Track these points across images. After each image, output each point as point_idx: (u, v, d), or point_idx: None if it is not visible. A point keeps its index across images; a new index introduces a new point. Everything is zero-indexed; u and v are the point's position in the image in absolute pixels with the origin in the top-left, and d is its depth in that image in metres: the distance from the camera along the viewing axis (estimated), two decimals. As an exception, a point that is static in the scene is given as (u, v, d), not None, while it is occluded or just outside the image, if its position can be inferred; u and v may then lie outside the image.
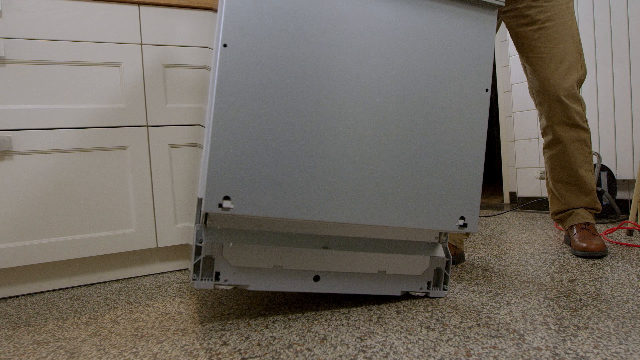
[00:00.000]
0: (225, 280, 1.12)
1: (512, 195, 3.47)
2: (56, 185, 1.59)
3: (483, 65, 1.22)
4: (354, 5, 1.11)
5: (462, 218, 1.21)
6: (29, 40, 1.54)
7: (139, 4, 1.69)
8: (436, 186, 1.18)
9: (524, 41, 1.66)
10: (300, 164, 1.07)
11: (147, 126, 1.71)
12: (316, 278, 1.19)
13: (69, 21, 1.60)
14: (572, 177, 1.74)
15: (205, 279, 1.11)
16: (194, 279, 1.10)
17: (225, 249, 1.11)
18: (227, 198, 1.02)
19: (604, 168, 2.54)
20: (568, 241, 1.88)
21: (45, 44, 1.56)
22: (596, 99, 2.59)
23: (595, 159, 2.61)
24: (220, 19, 1.05)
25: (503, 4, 1.21)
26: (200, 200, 1.12)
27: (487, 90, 1.22)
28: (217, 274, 1.12)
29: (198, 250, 1.10)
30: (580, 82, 1.65)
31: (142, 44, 1.70)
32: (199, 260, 1.10)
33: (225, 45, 1.03)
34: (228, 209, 1.02)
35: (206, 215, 1.11)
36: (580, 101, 1.66)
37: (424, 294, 1.29)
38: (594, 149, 2.62)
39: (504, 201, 3.61)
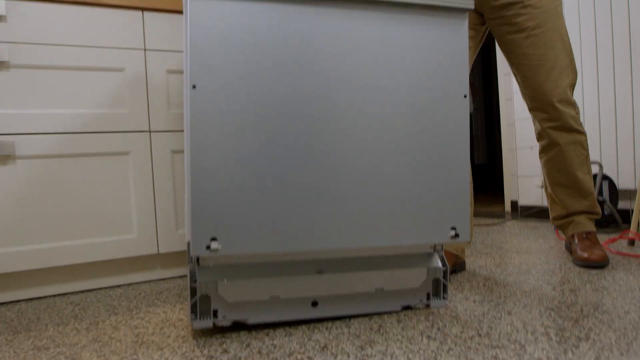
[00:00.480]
0: (224, 317, 1.12)
1: (514, 204, 3.47)
2: (58, 189, 1.59)
3: (459, 71, 1.20)
4: (324, 32, 1.10)
5: (454, 228, 1.20)
6: (33, 45, 1.55)
7: (143, 9, 1.70)
8: (424, 199, 1.18)
9: (514, 49, 1.65)
10: (284, 196, 1.07)
11: (150, 131, 1.71)
12: (314, 303, 1.19)
13: (73, 26, 1.60)
14: (570, 180, 1.73)
15: (203, 318, 1.11)
16: (192, 320, 1.09)
17: (220, 286, 1.10)
18: (214, 239, 1.02)
19: (605, 177, 2.54)
20: (569, 247, 1.88)
21: (50, 49, 1.57)
22: (597, 107, 2.60)
23: (596, 168, 2.61)
24: (187, 58, 1.04)
25: (472, 7, 1.19)
26: (189, 243, 1.12)
27: (465, 96, 1.21)
28: (215, 311, 1.11)
29: (193, 290, 1.10)
30: (572, 85, 1.65)
31: (145, 50, 1.70)
32: (196, 300, 1.10)
33: (194, 87, 1.02)
34: (216, 250, 1.02)
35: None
36: (573, 105, 1.66)
37: (424, 306, 1.29)
38: (596, 157, 2.62)
39: (505, 210, 3.61)
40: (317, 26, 1.10)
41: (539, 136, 1.75)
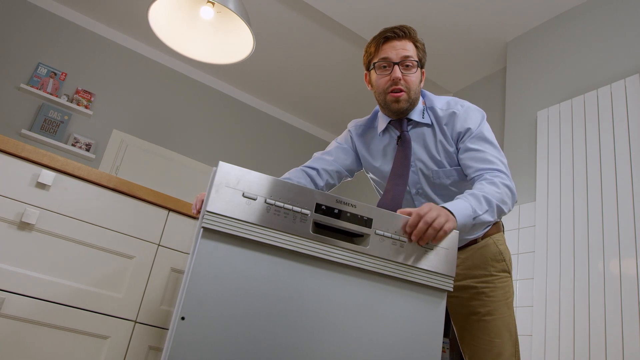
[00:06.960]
0: None
1: None
2: (26, 356, 1.52)
3: (432, 348, 1.29)
4: (314, 288, 1.22)
5: None
6: (61, 215, 1.66)
7: (169, 210, 1.86)
8: None
9: (466, 326, 1.76)
10: None
11: (135, 322, 1.72)
12: None
13: (103, 209, 1.74)
14: None
15: None
16: None
17: None
18: None
19: None
20: None
21: (75, 223, 1.68)
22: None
23: None
24: (183, 291, 1.15)
25: (451, 289, 1.33)
26: None
27: None
28: None
29: None
30: None
31: (159, 245, 1.82)
32: None
33: (183, 318, 1.11)
34: None
35: None
36: None
37: None
38: None
39: None
40: (307, 283, 1.22)
41: None
